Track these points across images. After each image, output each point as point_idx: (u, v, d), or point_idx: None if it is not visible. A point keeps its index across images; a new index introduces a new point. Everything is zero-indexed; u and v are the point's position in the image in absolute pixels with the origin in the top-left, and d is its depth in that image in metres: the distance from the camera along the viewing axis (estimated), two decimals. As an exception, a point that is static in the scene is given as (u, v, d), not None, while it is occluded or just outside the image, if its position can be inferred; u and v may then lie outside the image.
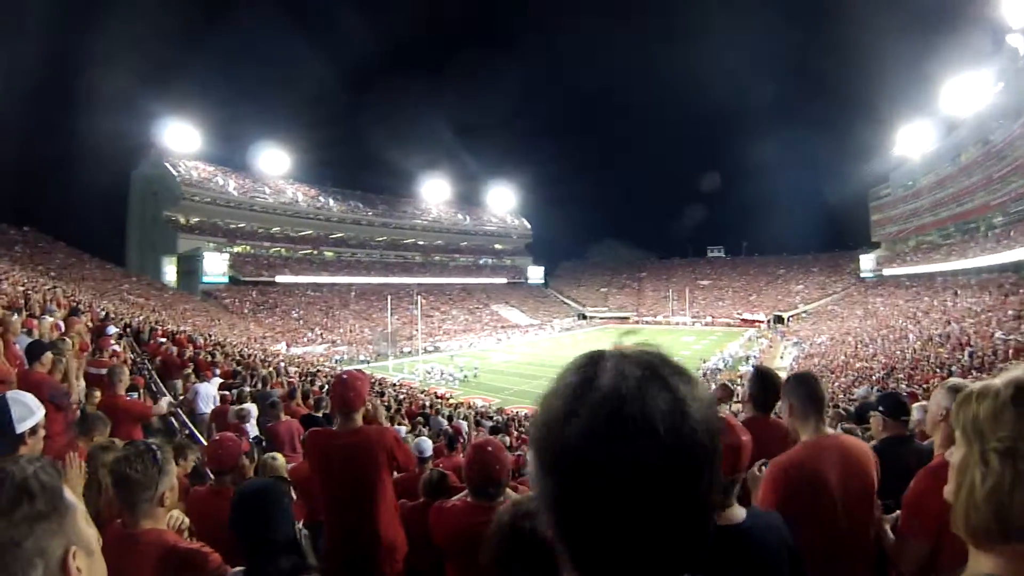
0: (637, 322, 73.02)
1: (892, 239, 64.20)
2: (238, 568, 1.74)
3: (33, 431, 2.15)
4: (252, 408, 6.81)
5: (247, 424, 6.32)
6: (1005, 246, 40.89)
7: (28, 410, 2.14)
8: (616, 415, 0.50)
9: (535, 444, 0.55)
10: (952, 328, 28.74)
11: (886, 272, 59.18)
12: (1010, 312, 27.05)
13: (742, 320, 64.22)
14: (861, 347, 31.76)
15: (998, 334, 23.34)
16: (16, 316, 6.99)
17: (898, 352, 26.94)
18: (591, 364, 0.55)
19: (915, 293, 46.01)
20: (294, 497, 3.69)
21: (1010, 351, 19.03)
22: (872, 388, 15.81)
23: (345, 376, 2.77)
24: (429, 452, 4.30)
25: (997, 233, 45.04)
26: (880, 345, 30.56)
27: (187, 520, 2.17)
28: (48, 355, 4.10)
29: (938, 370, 19.93)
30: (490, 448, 2.27)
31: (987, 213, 48.22)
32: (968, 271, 44.01)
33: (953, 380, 2.41)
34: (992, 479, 0.77)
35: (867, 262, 63.59)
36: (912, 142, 59.02)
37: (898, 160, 62.99)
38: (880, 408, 2.87)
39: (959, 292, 40.30)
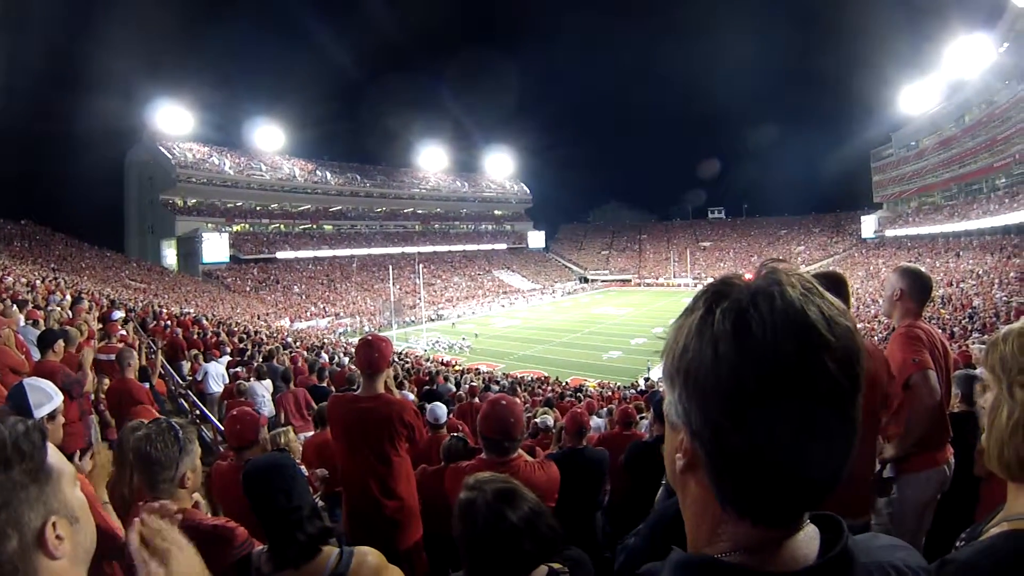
0: (639, 284, 73.14)
1: (894, 200, 63.57)
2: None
3: (52, 417, 2.14)
4: (261, 385, 6.89)
5: (259, 400, 6.40)
6: (1008, 208, 40.48)
7: (46, 395, 2.15)
8: (800, 328, 0.47)
9: (682, 374, 0.51)
10: (954, 289, 28.78)
11: (888, 233, 58.75)
12: (1012, 274, 27.02)
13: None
14: (863, 308, 31.69)
15: (1000, 295, 23.38)
16: (16, 308, 7.06)
17: (899, 314, 26.92)
18: (736, 287, 0.52)
19: (917, 254, 45.85)
20: (306, 472, 3.77)
21: (1012, 312, 19.01)
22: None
23: (371, 338, 2.83)
24: (444, 419, 4.34)
25: (1000, 195, 44.65)
26: (881, 306, 30.51)
27: (202, 501, 2.18)
28: (60, 343, 4.12)
29: (940, 331, 19.98)
30: (504, 402, 2.30)
31: (990, 175, 47.76)
32: (971, 232, 43.72)
33: (905, 264, 2.83)
34: (1019, 412, 0.81)
35: (869, 223, 63.07)
36: (915, 102, 57.80)
37: (901, 120, 61.93)
38: None
39: (961, 253, 40.20)
